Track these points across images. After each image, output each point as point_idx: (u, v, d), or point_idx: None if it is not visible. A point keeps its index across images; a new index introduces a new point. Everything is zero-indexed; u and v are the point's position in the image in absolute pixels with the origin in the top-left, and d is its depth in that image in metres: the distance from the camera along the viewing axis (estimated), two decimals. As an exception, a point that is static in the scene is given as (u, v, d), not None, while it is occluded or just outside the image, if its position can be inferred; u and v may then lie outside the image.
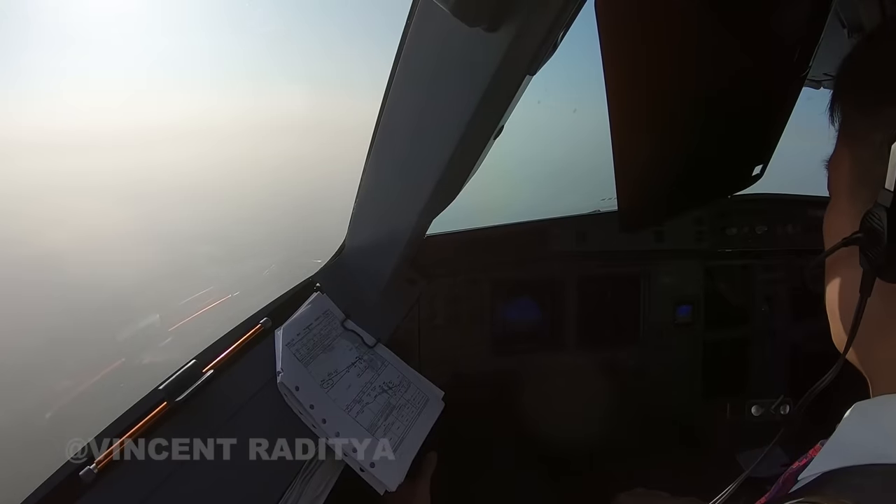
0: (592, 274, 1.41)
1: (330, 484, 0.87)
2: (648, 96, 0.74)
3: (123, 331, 2.44)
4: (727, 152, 1.02)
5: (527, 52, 0.60)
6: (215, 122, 25.49)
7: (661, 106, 0.77)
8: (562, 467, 1.35)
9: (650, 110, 0.76)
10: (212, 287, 2.67)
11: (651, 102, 0.75)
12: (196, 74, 68.44)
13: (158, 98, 43.32)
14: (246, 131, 15.50)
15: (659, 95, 0.75)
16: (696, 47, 0.74)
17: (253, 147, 10.17)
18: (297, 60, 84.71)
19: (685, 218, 1.45)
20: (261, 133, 15.19)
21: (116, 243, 3.54)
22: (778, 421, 0.53)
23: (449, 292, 1.32)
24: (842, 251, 0.42)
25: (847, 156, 0.45)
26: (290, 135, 14.80)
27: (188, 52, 66.13)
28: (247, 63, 58.81)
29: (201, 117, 31.23)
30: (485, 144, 0.85)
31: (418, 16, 0.67)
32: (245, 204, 4.60)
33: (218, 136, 14.48)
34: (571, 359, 1.40)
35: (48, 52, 54.00)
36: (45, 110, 39.12)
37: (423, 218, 0.95)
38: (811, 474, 0.42)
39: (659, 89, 0.74)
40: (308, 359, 0.91)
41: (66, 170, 6.66)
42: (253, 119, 28.51)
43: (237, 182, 5.57)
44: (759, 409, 0.58)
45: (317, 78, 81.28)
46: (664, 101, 0.77)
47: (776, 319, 1.51)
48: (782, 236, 1.50)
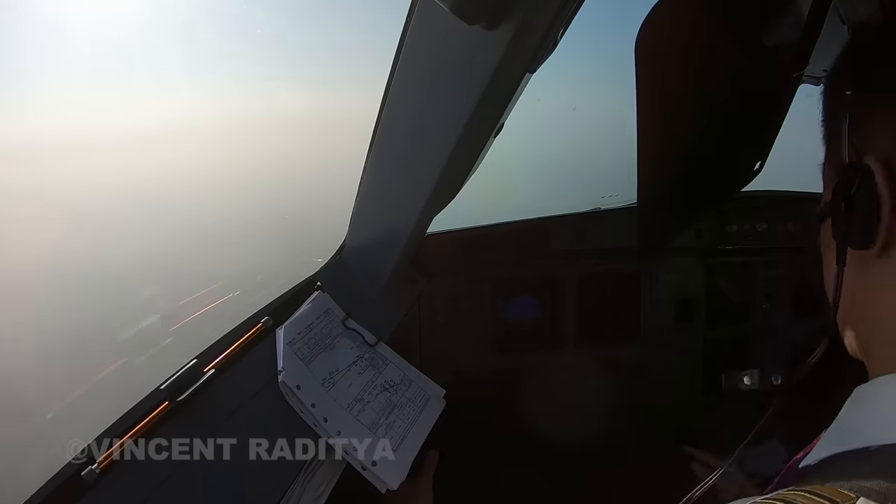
0: (593, 272, 1.41)
1: (331, 483, 0.87)
2: (673, 107, 0.79)
3: (124, 331, 2.43)
4: (732, 150, 1.05)
5: (526, 50, 0.60)
6: (208, 121, 25.21)
7: (682, 113, 0.82)
8: (562, 464, 1.35)
9: (673, 119, 0.81)
10: (212, 286, 2.67)
11: (674, 112, 0.80)
12: (191, 72, 66.09)
13: (155, 97, 42.56)
14: (238, 129, 15.47)
15: (680, 105, 0.80)
16: (712, 56, 0.77)
17: (249, 145, 10.18)
18: (297, 58, 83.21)
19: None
20: (259, 132, 15.17)
21: (115, 243, 3.53)
22: (769, 391, 0.54)
23: (449, 290, 1.32)
24: (828, 235, 0.44)
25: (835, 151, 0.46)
26: (289, 134, 14.81)
27: (187, 48, 63.48)
28: (244, 59, 56.92)
29: (195, 116, 30.75)
30: (485, 142, 0.85)
31: (418, 14, 0.66)
32: (244, 204, 4.59)
33: (208, 135, 14.43)
34: (572, 356, 1.41)
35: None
36: (41, 111, 38.28)
37: (423, 216, 0.95)
38: (810, 462, 0.42)
39: (681, 100, 0.79)
40: (309, 358, 0.91)
41: (64, 171, 6.64)
42: (247, 117, 28.28)
43: (236, 182, 5.55)
44: (751, 379, 0.59)
45: (317, 75, 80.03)
46: (684, 108, 0.82)
47: (776, 316, 1.51)
48: (783, 233, 1.50)
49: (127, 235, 3.74)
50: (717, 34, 0.79)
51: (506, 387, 1.36)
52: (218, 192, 4.92)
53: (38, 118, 16.49)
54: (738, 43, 0.81)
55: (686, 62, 0.81)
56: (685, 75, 0.83)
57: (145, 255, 3.28)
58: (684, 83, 0.84)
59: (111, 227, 3.92)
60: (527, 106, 0.85)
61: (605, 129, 5.05)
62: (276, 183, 5.13)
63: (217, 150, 7.58)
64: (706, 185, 1.17)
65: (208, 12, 26.65)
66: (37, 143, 9.64)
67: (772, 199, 1.51)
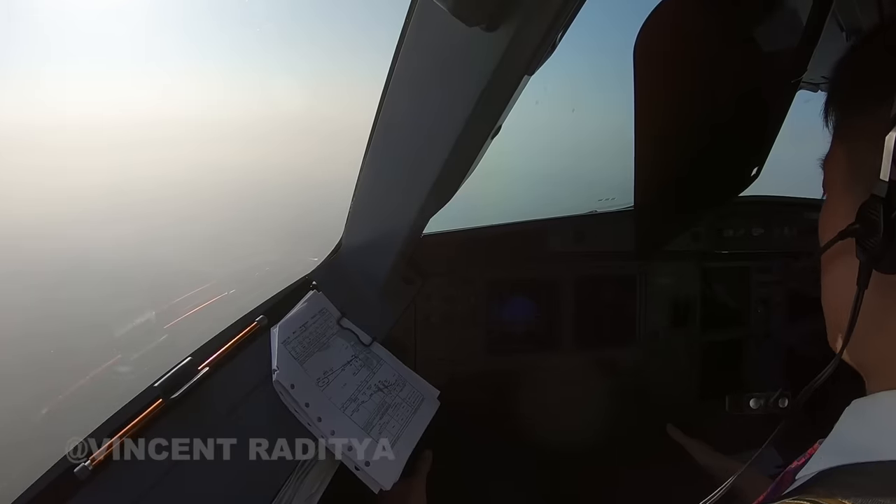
0: (589, 274, 1.41)
1: (325, 482, 0.87)
2: (670, 112, 0.79)
3: (118, 327, 2.42)
4: (729, 155, 1.05)
5: (525, 52, 0.60)
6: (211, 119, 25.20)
7: (680, 117, 0.83)
8: (558, 466, 1.35)
9: (670, 123, 0.81)
10: (208, 284, 2.66)
11: (671, 117, 0.81)
12: (188, 71, 66.69)
13: (150, 94, 42.83)
14: (239, 129, 15.36)
15: (677, 109, 0.81)
16: (710, 62, 0.77)
17: (247, 144, 10.13)
18: (295, 58, 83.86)
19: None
20: (257, 131, 15.10)
21: (113, 243, 3.51)
22: (776, 414, 0.53)
23: (445, 291, 1.32)
24: (837, 247, 0.43)
25: (842, 152, 0.45)
26: (287, 133, 14.68)
27: (185, 46, 64.26)
28: (239, 57, 57.26)
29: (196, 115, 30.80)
30: (482, 144, 0.85)
31: (417, 14, 0.66)
32: (240, 203, 4.58)
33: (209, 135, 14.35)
34: (568, 359, 1.41)
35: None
36: (43, 101, 38.46)
37: (420, 217, 0.95)
38: (808, 473, 0.42)
39: (679, 104, 0.80)
40: (304, 357, 0.91)
41: (61, 167, 6.61)
42: (246, 116, 28.26)
43: (234, 183, 5.55)
44: (758, 402, 0.59)
45: (315, 76, 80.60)
46: (681, 113, 0.82)
47: (772, 321, 1.52)
48: (778, 238, 1.51)
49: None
50: (715, 40, 0.80)
51: (501, 388, 1.36)
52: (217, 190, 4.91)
53: (39, 108, 16.37)
54: (736, 49, 0.82)
55: (684, 67, 0.81)
56: (683, 80, 0.83)
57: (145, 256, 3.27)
58: (682, 88, 0.84)
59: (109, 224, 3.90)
60: (526, 108, 0.86)
61: (603, 132, 5.08)
62: (276, 182, 5.13)
63: (214, 148, 7.58)
64: (703, 190, 1.17)
65: (210, 9, 26.74)
66: (35, 137, 9.59)
67: (768, 205, 1.52)
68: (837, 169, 0.46)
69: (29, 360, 2.30)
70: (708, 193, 1.22)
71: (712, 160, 1.04)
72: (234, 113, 17.79)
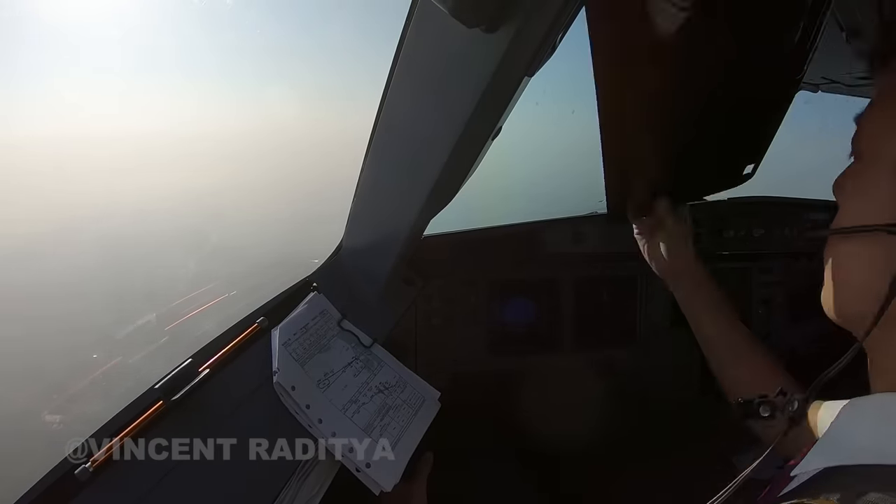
0: (589, 275, 1.41)
1: (325, 484, 0.87)
2: (638, 93, 0.76)
3: (119, 330, 2.43)
4: (716, 150, 1.03)
5: (525, 53, 0.60)
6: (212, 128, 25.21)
7: (651, 103, 0.80)
8: (559, 467, 1.35)
9: (639, 106, 0.78)
10: (209, 286, 2.66)
11: (640, 99, 0.77)
12: (187, 79, 67.37)
13: (150, 102, 43.00)
14: (241, 134, 15.31)
15: (649, 93, 0.78)
16: (690, 48, 0.75)
17: (248, 148, 10.17)
18: (295, 60, 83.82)
19: None
20: (258, 131, 15.15)
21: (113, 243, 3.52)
22: (788, 418, 0.52)
23: (446, 293, 1.32)
24: (856, 248, 0.41)
25: None
26: (286, 135, 14.74)
27: (186, 52, 65.07)
28: (239, 63, 58.12)
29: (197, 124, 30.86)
30: (482, 145, 0.85)
31: (417, 16, 0.67)
32: (241, 203, 4.59)
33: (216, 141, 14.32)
34: (568, 359, 1.41)
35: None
36: (42, 113, 38.44)
37: (420, 218, 0.95)
38: (805, 472, 0.42)
39: (650, 87, 0.77)
40: (304, 359, 0.91)
41: (62, 166, 6.60)
42: (247, 122, 28.37)
43: (234, 183, 5.55)
44: (766, 410, 0.57)
45: (315, 78, 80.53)
46: (654, 98, 0.79)
47: (773, 322, 1.52)
48: (779, 239, 1.51)
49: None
50: (710, 36, 0.79)
51: (502, 389, 1.36)
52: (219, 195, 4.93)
53: (36, 120, 16.43)
54: (733, 48, 0.81)
55: (677, 62, 0.78)
56: (672, 75, 0.80)
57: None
58: (671, 82, 0.81)
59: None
60: (525, 109, 0.85)
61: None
62: (273, 181, 5.14)
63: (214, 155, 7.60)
64: (682, 184, 1.13)
65: (201, 19, 26.75)
66: (34, 145, 9.61)
67: (768, 205, 1.51)
68: (888, 134, 0.41)
69: (29, 360, 2.31)
70: (689, 189, 1.18)
71: (694, 155, 1.01)
72: (228, 119, 17.81)
